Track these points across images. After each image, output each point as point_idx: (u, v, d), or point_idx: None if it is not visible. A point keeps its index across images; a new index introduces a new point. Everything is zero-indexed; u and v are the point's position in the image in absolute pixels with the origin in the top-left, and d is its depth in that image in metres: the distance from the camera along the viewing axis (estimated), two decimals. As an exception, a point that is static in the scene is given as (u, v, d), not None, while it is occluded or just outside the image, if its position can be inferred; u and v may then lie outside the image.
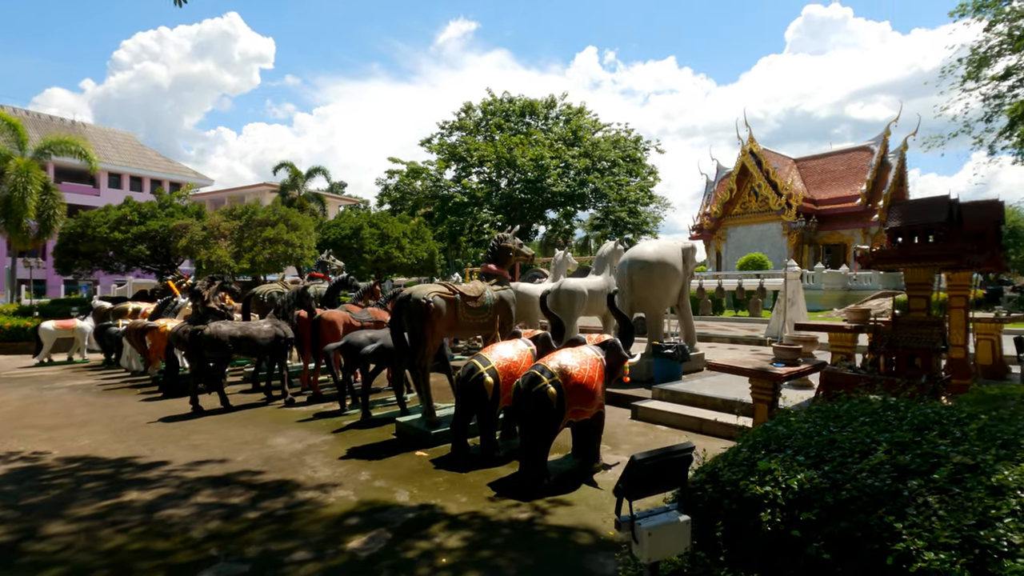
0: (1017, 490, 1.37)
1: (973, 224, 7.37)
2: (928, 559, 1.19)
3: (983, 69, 27.40)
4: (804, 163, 34.39)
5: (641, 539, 1.62)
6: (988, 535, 1.21)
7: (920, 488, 1.44)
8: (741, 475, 1.74)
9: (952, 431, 1.79)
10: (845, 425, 1.93)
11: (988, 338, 9.13)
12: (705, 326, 18.60)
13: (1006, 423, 1.86)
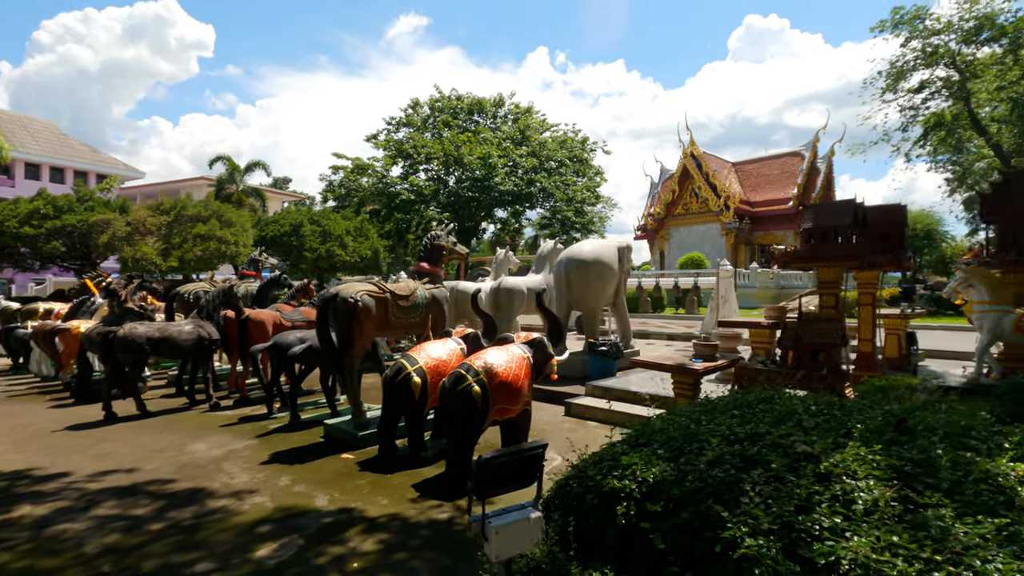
0: (842, 475, 1.46)
1: (878, 226, 7.87)
2: (749, 544, 1.25)
3: (900, 82, 29.46)
4: (741, 167, 35.87)
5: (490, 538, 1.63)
6: (805, 520, 1.29)
7: (759, 477, 1.52)
8: (606, 471, 1.79)
9: (807, 422, 1.90)
10: (713, 419, 2.02)
11: (895, 333, 9.78)
12: (646, 323, 19.12)
13: (856, 413, 1.99)
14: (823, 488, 1.41)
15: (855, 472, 1.49)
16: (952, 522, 1.25)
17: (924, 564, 1.10)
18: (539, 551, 1.67)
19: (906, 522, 1.27)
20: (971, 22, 26.36)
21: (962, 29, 26.54)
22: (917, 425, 1.87)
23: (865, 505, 1.34)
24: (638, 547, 1.50)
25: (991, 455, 1.61)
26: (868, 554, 1.14)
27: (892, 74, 28.71)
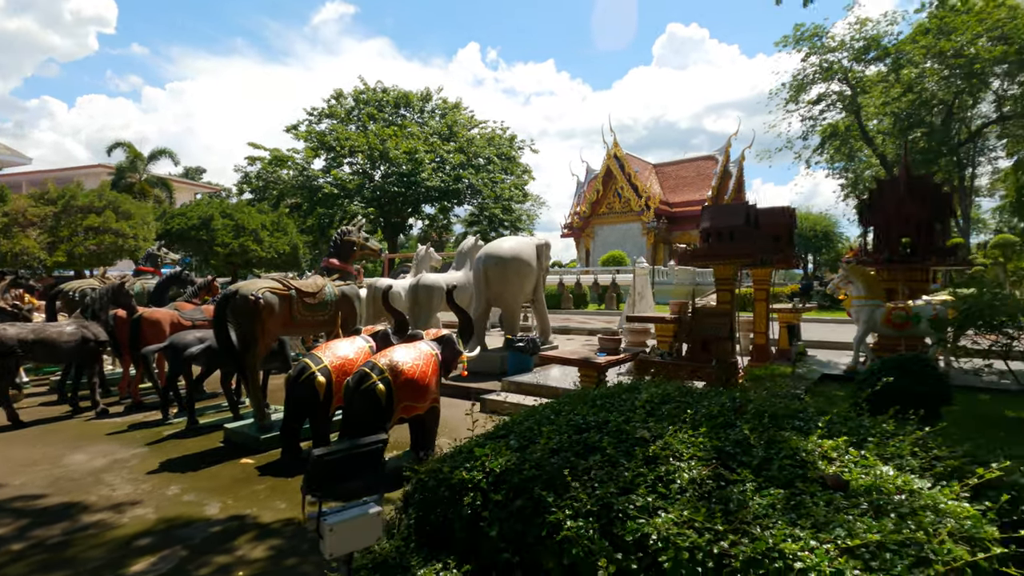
0: (669, 457, 1.58)
1: (769, 227, 8.50)
2: (569, 527, 1.33)
3: (801, 94, 31.85)
4: (662, 168, 37.45)
5: (324, 535, 1.64)
6: (623, 501, 1.38)
7: (595, 462, 1.62)
8: (459, 463, 1.84)
9: (660, 410, 2.04)
10: (574, 409, 2.12)
11: (787, 325, 10.61)
12: (568, 319, 19.58)
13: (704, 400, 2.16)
14: (648, 470, 1.52)
15: (681, 454, 1.61)
16: (752, 495, 1.39)
17: (713, 535, 1.21)
18: (388, 545, 1.68)
19: (713, 497, 1.39)
20: (860, 42, 28.93)
21: (853, 48, 29.09)
22: (754, 410, 2.05)
23: (681, 484, 1.46)
24: (481, 536, 1.55)
25: (805, 434, 1.79)
26: (670, 528, 1.24)
27: (794, 86, 31.04)
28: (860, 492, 1.46)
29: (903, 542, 1.22)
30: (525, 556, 1.41)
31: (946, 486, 1.54)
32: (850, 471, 1.59)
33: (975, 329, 6.80)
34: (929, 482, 1.56)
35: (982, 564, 1.26)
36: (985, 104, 30.55)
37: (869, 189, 10.09)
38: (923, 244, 9.46)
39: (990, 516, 1.39)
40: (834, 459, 1.67)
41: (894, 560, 1.13)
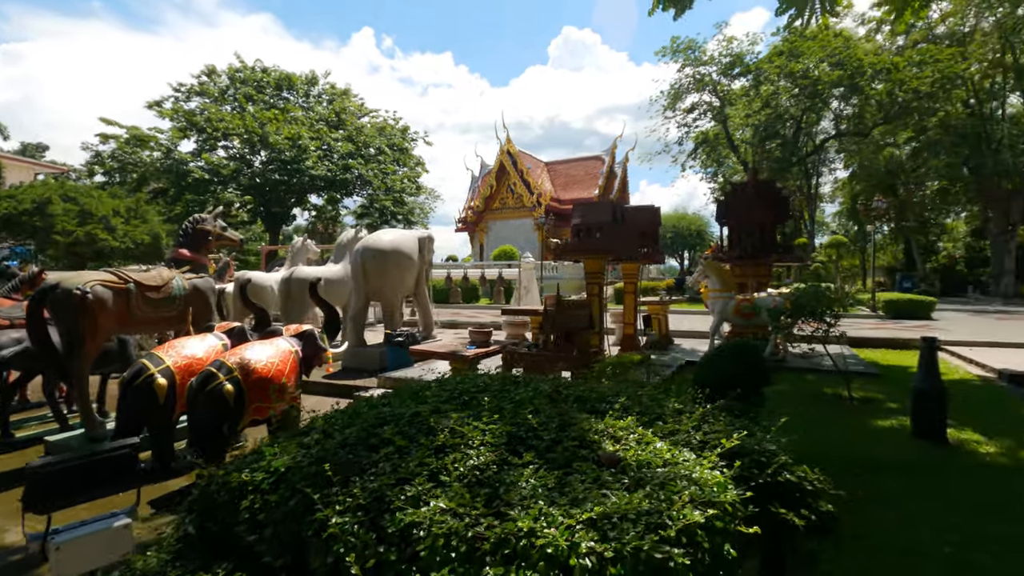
0: (461, 445, 1.62)
1: (636, 225, 9.05)
2: (335, 523, 1.30)
3: (677, 102, 34.37)
4: (553, 166, 38.62)
5: (50, 556, 1.49)
6: (396, 492, 1.38)
7: (385, 455, 1.61)
8: (243, 464, 1.74)
9: (478, 399, 2.07)
10: (403, 402, 2.11)
11: (656, 317, 11.40)
12: (458, 314, 19.58)
13: (522, 387, 2.24)
14: (436, 459, 1.54)
15: (471, 440, 1.65)
16: (528, 478, 1.44)
17: (472, 518, 1.24)
18: (155, 559, 1.55)
19: (487, 483, 1.43)
20: (727, 58, 31.80)
21: (721, 63, 31.91)
22: (568, 395, 2.16)
23: (463, 471, 1.48)
24: (258, 541, 1.48)
25: (602, 416, 1.91)
26: (435, 516, 1.25)
27: (671, 95, 33.45)
28: (632, 467, 1.57)
29: (648, 511, 1.32)
30: (296, 557, 1.36)
31: (705, 457, 1.70)
32: (631, 448, 1.70)
33: (802, 318, 7.72)
34: (694, 454, 1.72)
35: (717, 525, 1.39)
36: (826, 121, 34.92)
37: (724, 192, 11.09)
38: (767, 243, 10.58)
39: (726, 479, 1.54)
40: (621, 438, 1.79)
41: (629, 528, 1.22)
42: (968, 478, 4.45)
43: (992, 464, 4.83)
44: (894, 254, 47.83)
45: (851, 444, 5.33)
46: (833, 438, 5.52)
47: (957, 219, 44.80)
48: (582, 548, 1.14)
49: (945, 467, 4.71)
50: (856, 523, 3.67)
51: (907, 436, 5.57)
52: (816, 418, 6.31)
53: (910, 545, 3.33)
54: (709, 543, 1.33)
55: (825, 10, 10.41)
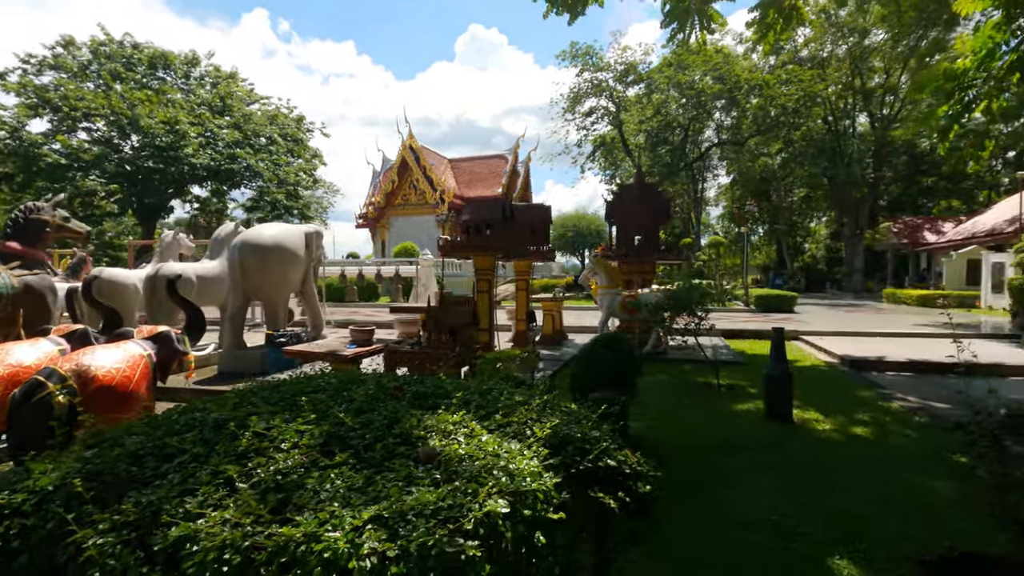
0: (269, 449, 1.53)
1: (527, 223, 9.22)
2: (92, 544, 1.17)
3: (576, 105, 35.64)
4: (457, 163, 38.48)
5: None
6: (176, 505, 1.27)
7: (178, 464, 1.49)
8: (12, 484, 1.53)
9: (314, 399, 1.98)
10: (207, 406, 1.96)
11: (550, 313, 11.71)
12: (356, 312, 18.91)
13: (359, 385, 2.17)
14: (240, 466, 1.43)
15: (282, 444, 1.56)
16: (334, 479, 1.38)
17: (253, 528, 1.16)
18: None
19: (284, 488, 1.35)
20: (622, 66, 33.45)
21: (617, 70, 33.52)
22: (410, 392, 2.12)
23: (263, 477, 1.39)
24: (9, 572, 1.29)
25: (434, 411, 1.90)
26: (213, 528, 1.15)
27: (571, 98, 34.65)
28: (452, 462, 1.55)
29: (450, 505, 1.30)
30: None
31: (530, 447, 1.73)
32: (456, 444, 1.69)
33: (678, 312, 8.26)
34: (521, 445, 1.74)
35: (525, 513, 1.41)
36: (710, 130, 37.85)
37: (613, 193, 11.62)
38: (651, 242, 11.21)
39: (540, 468, 1.57)
40: (451, 433, 1.77)
41: (421, 524, 1.20)
42: (806, 454, 4.96)
43: (828, 440, 5.44)
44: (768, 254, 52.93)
45: (712, 427, 5.77)
46: (698, 423, 5.96)
47: (819, 223, 50.40)
48: (364, 549, 1.10)
49: (788, 445, 5.23)
50: (700, 500, 3.98)
51: (761, 418, 6.13)
52: (686, 405, 6.78)
53: (745, 518, 3.65)
54: (513, 532, 1.34)
55: (703, 26, 11.24)
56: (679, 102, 33.10)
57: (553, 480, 1.64)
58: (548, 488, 1.55)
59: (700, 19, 10.95)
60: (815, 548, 3.28)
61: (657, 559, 3.13)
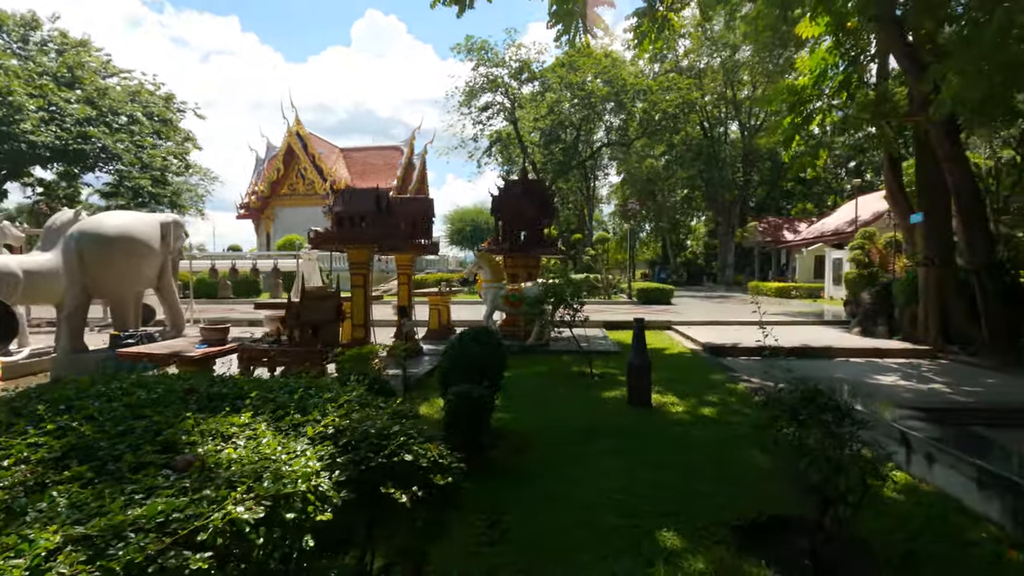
0: None
1: (407, 215, 9.04)
2: None
3: (472, 100, 35.64)
4: (349, 153, 36.99)
5: None
6: None
7: None
8: None
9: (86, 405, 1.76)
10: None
11: (436, 308, 11.61)
12: (232, 309, 17.60)
13: (139, 388, 1.99)
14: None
15: (3, 461, 1.37)
16: (55, 498, 1.22)
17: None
18: None
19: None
20: (517, 63, 33.87)
21: (512, 67, 33.90)
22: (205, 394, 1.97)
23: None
24: None
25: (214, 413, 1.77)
26: None
27: (467, 92, 34.55)
28: (215, 467, 1.44)
29: (189, 515, 1.20)
30: None
31: (319, 447, 1.65)
32: (235, 446, 1.57)
33: (556, 305, 8.51)
34: (308, 444, 1.66)
35: (285, 517, 1.33)
36: (601, 131, 39.53)
37: (498, 188, 11.73)
38: (535, 237, 11.46)
39: (316, 467, 1.51)
40: (232, 436, 1.65)
41: (140, 539, 1.09)
42: (657, 436, 5.31)
43: (679, 421, 5.86)
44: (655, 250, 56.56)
45: (578, 415, 6.02)
46: (565, 410, 6.18)
47: (699, 222, 54.62)
48: (51, 574, 0.97)
49: (643, 428, 5.57)
50: (552, 484, 4.12)
51: (624, 404, 6.49)
52: (559, 394, 7.02)
53: (591, 499, 3.83)
54: (266, 538, 1.27)
55: (587, 30, 11.64)
56: (571, 102, 34.20)
57: (336, 478, 1.59)
58: (325, 488, 1.49)
59: (583, 22, 11.33)
60: (650, 522, 3.51)
61: (501, 546, 3.18)
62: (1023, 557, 3.16)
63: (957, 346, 9.73)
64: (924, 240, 10.28)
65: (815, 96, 10.51)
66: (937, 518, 3.63)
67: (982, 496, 3.66)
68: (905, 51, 9.51)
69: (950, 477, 3.93)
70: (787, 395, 3.51)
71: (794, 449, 3.25)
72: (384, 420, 1.85)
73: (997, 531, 3.46)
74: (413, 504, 1.74)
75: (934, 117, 8.42)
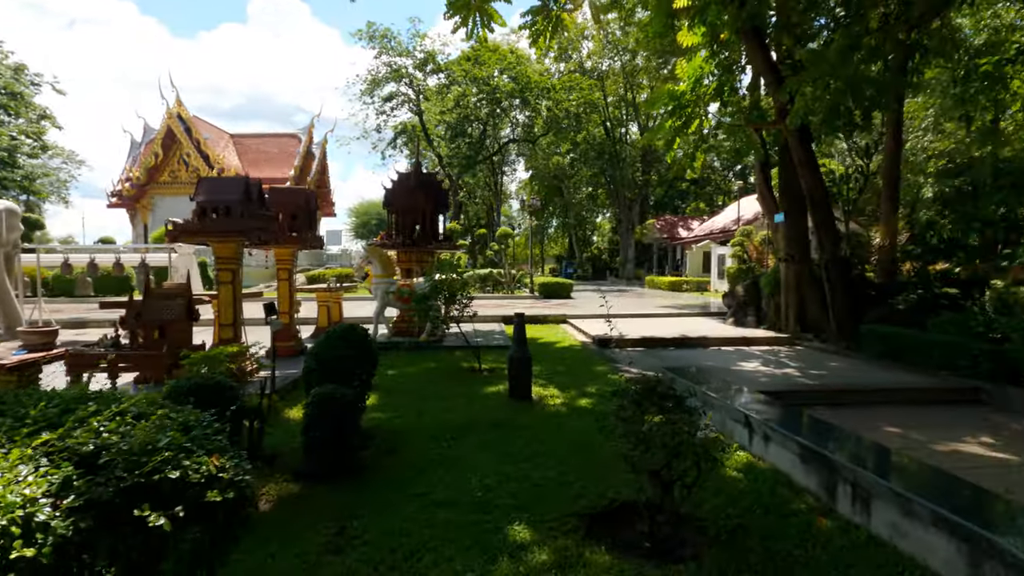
0: None
1: (284, 207, 8.53)
2: None
3: (376, 89, 34.54)
4: (241, 139, 34.52)
5: None
6: None
7: None
8: None
9: None
10: None
11: (325, 304, 11.09)
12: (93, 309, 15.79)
13: None
14: None
15: None
16: None
17: None
18: None
19: None
20: (421, 54, 33.26)
21: (416, 58, 33.22)
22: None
23: None
24: None
25: None
26: None
27: (369, 81, 33.41)
28: None
29: None
30: None
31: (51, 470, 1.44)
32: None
33: (445, 301, 8.41)
34: (37, 465, 1.44)
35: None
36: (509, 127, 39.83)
37: (391, 180, 11.40)
38: (429, 231, 11.28)
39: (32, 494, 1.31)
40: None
41: None
42: (530, 429, 5.36)
43: (556, 414, 5.98)
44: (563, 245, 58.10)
45: (456, 411, 5.97)
46: (447, 407, 6.11)
47: (604, 219, 56.73)
48: None
49: (519, 421, 5.62)
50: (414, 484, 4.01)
51: (505, 398, 6.53)
52: (441, 390, 6.93)
53: (450, 497, 3.79)
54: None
55: (484, 24, 11.57)
56: (477, 97, 34.14)
57: (69, 504, 1.39)
58: (45, 518, 1.29)
59: (480, 16, 11.25)
60: (504, 517, 3.52)
61: (347, 553, 3.04)
62: (830, 524, 3.52)
63: (811, 334, 10.81)
64: (784, 238, 11.30)
65: (692, 101, 11.16)
66: (767, 493, 3.95)
67: (804, 470, 4.03)
68: (767, 64, 10.35)
69: (781, 455, 4.30)
70: (631, 386, 3.66)
71: (636, 437, 3.39)
72: (149, 433, 1.65)
73: (814, 501, 3.82)
74: (179, 526, 1.57)
75: (790, 125, 9.24)
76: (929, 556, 2.99)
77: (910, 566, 3.00)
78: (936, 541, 2.95)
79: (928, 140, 26.32)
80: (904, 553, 3.12)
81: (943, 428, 5.66)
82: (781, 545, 3.23)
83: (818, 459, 3.87)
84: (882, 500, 3.31)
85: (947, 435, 5.40)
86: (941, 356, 7.54)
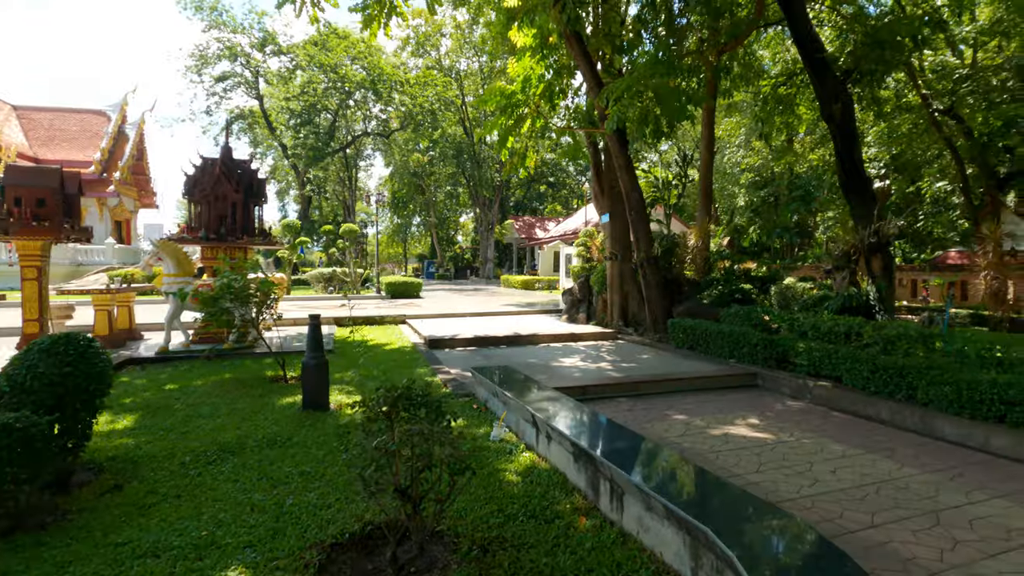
0: None
1: (24, 192, 6.99)
2: None
3: (206, 67, 30.95)
4: (28, 113, 28.92)
5: None
6: None
7: None
8: None
9: None
10: None
11: (104, 309, 9.38)
12: None
13: None
14: None
15: None
16: None
17: None
18: None
19: None
20: (260, 33, 30.43)
21: (253, 36, 30.31)
22: None
23: None
24: None
25: None
26: None
27: (198, 57, 29.75)
28: None
29: None
30: None
31: None
32: None
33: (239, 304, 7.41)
34: None
35: None
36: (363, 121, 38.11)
37: (193, 165, 9.98)
38: (239, 224, 10.06)
39: None
40: None
41: None
42: (307, 447, 4.74)
43: (348, 425, 5.41)
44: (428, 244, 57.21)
45: (232, 428, 5.19)
46: (222, 425, 5.29)
47: (468, 218, 56.90)
48: None
49: (300, 437, 5.00)
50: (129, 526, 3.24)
51: (297, 409, 5.85)
52: (226, 403, 6.04)
53: (165, 541, 3.11)
54: None
55: (314, 3, 10.58)
56: (325, 85, 32.13)
57: None
58: None
59: (309, -7, 10.36)
60: (221, 561, 2.94)
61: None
62: (588, 524, 3.45)
63: (632, 328, 11.47)
64: (609, 237, 11.87)
65: (523, 101, 11.26)
66: (539, 496, 3.81)
67: (576, 469, 3.97)
68: (590, 69, 10.75)
69: (560, 454, 4.23)
70: (383, 395, 3.28)
71: (375, 451, 3.01)
72: None
73: (582, 500, 3.76)
74: None
75: (607, 130, 9.65)
76: (664, 550, 3.00)
77: (648, 562, 2.98)
78: (668, 534, 2.96)
79: (741, 155, 29.92)
80: (646, 548, 3.11)
81: (721, 412, 6.12)
82: (532, 555, 3.06)
83: (585, 457, 3.83)
84: (631, 496, 3.29)
85: (723, 419, 5.83)
86: (729, 345, 8.28)
